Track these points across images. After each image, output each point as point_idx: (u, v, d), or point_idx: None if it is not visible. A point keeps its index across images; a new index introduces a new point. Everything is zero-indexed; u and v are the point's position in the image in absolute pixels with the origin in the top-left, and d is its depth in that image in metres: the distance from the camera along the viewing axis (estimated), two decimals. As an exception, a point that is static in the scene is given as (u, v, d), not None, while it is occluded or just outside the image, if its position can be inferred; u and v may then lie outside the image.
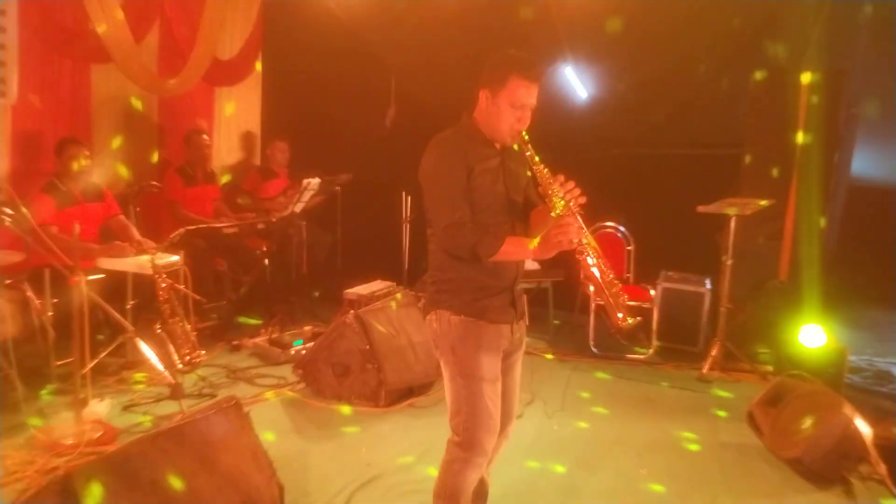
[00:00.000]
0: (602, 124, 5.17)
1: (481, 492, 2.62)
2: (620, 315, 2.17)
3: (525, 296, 2.45)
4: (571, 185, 2.15)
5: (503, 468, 2.85)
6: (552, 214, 2.16)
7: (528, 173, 2.38)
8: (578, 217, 2.13)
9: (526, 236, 2.27)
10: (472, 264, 2.20)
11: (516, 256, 2.23)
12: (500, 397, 2.32)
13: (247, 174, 6.19)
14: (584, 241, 2.14)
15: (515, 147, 2.26)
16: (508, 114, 2.22)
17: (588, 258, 2.17)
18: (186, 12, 5.52)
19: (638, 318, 2.19)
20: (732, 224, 4.43)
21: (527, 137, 2.24)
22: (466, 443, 2.28)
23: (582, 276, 2.29)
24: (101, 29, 4.47)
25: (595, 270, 2.18)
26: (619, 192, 4.98)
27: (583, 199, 2.14)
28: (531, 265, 4.69)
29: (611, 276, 2.20)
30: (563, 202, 2.13)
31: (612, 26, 4.82)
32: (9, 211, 3.29)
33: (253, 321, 5.14)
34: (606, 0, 4.86)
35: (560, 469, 3.24)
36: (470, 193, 2.20)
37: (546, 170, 2.20)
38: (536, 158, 2.22)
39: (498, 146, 2.32)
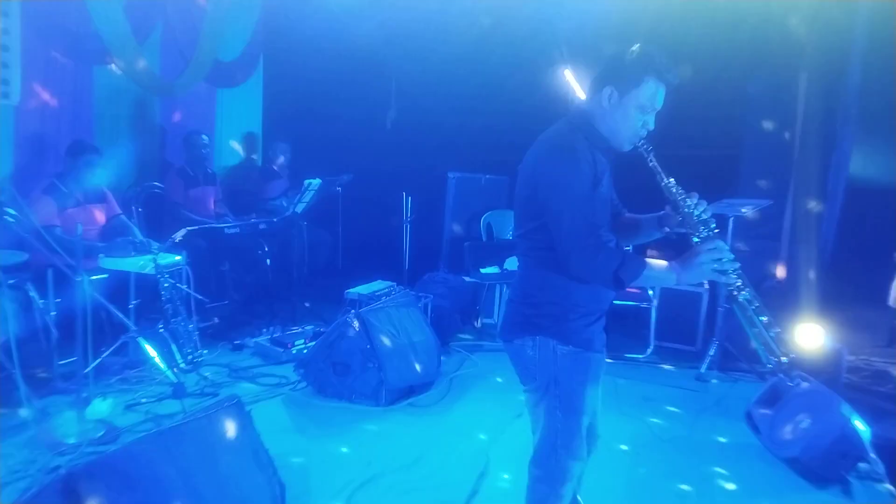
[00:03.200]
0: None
1: None
2: (774, 354, 1.94)
3: None
4: (703, 202, 1.98)
5: (504, 466, 2.87)
6: (694, 239, 1.97)
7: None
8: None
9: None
10: (582, 287, 2.01)
11: (656, 282, 2.07)
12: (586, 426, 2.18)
13: (248, 175, 6.21)
14: (735, 270, 1.92)
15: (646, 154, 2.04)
16: (635, 117, 2.01)
17: (742, 295, 1.93)
18: (188, 14, 5.55)
19: (792, 356, 1.97)
20: (730, 225, 4.44)
21: (650, 147, 2.04)
22: (556, 474, 2.14)
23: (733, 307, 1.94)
24: (103, 30, 4.50)
25: (749, 309, 1.93)
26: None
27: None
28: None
29: (767, 317, 1.95)
30: (700, 221, 1.94)
31: (611, 28, 4.84)
32: (12, 211, 3.32)
33: (255, 320, 5.17)
34: (605, 2, 4.89)
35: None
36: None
37: (675, 183, 2.00)
38: (661, 170, 2.01)
39: (613, 152, 2.11)
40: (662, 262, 1.96)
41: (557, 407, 2.10)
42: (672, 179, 2.01)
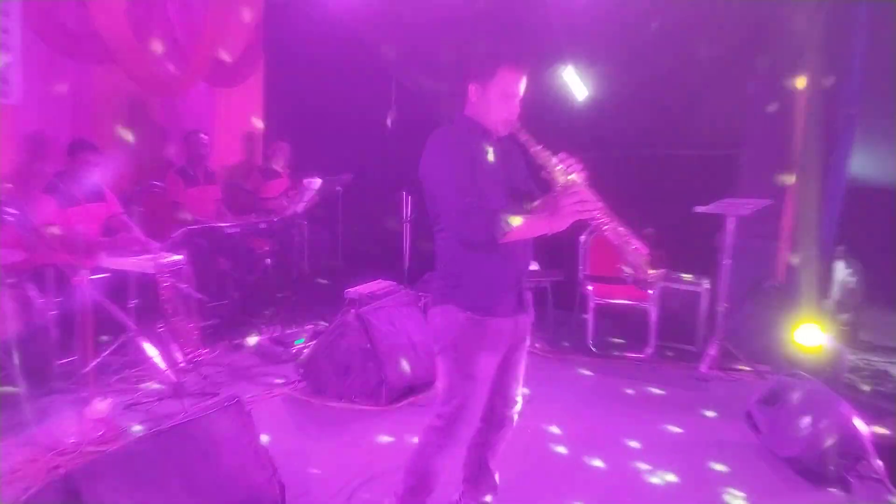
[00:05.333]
0: (600, 125, 5.18)
1: (490, 484, 2.65)
2: (647, 270, 2.20)
3: (530, 292, 2.47)
4: (572, 160, 2.18)
5: (503, 465, 2.86)
6: (558, 187, 2.18)
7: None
8: (585, 186, 2.15)
9: None
10: (484, 254, 2.21)
11: (531, 232, 2.22)
12: (486, 395, 2.38)
13: (248, 174, 6.22)
14: (598, 209, 2.14)
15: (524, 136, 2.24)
16: (499, 105, 2.24)
17: (610, 227, 2.17)
18: (189, 13, 5.54)
19: (661, 271, 2.22)
20: (730, 224, 4.44)
21: (519, 124, 2.24)
22: (447, 432, 2.35)
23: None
24: (103, 30, 4.50)
25: (621, 237, 2.19)
26: (617, 192, 4.98)
27: (583, 173, 2.17)
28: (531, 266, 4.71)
29: (626, 237, 2.20)
30: (566, 175, 2.15)
31: (611, 27, 4.84)
32: (12, 210, 3.32)
33: (255, 320, 5.17)
34: (606, 2, 4.89)
35: (559, 467, 3.26)
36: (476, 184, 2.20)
37: (543, 149, 2.20)
38: (533, 141, 2.21)
39: (495, 137, 2.33)
40: (531, 216, 2.21)
41: (455, 369, 2.30)
42: (540, 146, 2.20)
